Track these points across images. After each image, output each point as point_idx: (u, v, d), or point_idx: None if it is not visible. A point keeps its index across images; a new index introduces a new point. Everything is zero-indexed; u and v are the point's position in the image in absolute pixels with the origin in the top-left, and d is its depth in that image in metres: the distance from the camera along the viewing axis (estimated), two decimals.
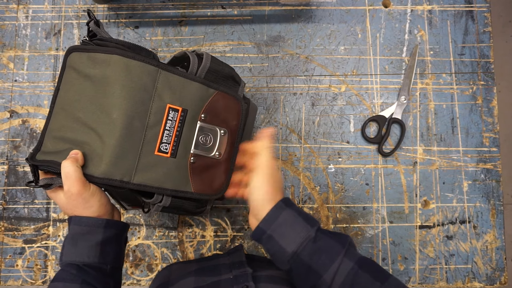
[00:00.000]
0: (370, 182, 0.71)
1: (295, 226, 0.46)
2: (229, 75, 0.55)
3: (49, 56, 0.73)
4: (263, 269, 0.55)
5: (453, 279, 0.70)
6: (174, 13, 0.74)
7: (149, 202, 0.51)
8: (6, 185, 0.71)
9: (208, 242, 0.71)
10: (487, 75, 0.73)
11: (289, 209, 0.47)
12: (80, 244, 0.45)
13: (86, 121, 0.46)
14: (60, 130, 0.48)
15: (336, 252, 0.44)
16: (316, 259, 0.44)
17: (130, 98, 0.46)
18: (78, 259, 0.45)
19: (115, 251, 0.48)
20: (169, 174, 0.49)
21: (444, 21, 0.74)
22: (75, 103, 0.47)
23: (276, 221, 0.46)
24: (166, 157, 0.49)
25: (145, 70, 0.47)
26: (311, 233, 0.45)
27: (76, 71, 0.48)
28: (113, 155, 0.45)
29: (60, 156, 0.46)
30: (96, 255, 0.45)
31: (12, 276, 0.70)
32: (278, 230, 0.46)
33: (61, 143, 0.47)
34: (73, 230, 0.45)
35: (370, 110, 0.72)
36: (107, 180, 0.45)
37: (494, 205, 0.71)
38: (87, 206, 0.45)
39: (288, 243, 0.45)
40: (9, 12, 0.74)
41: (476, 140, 0.72)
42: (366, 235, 0.71)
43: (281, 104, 0.72)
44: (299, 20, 0.74)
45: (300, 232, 0.45)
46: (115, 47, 0.47)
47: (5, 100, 0.73)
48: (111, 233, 0.47)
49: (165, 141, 0.49)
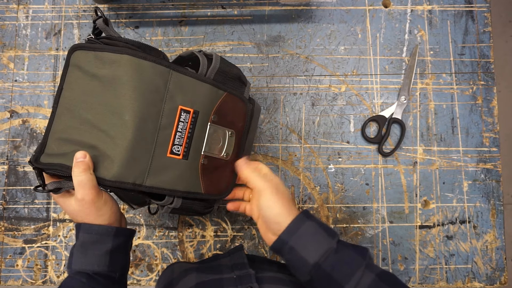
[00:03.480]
0: (370, 182, 0.71)
1: (317, 237, 0.46)
2: (237, 76, 0.54)
3: (49, 56, 0.73)
4: (265, 270, 0.55)
5: (453, 279, 0.70)
6: (174, 13, 0.74)
7: (159, 204, 0.50)
8: (6, 185, 0.71)
9: (208, 242, 0.71)
10: (487, 75, 0.73)
11: (310, 221, 0.47)
12: (90, 253, 0.45)
13: (95, 122, 0.45)
14: (66, 132, 0.46)
15: (358, 264, 0.44)
16: (338, 270, 0.44)
17: (143, 99, 0.45)
18: (88, 267, 0.45)
19: (123, 258, 0.48)
20: (181, 176, 0.48)
21: (444, 21, 0.74)
22: (81, 104, 0.46)
23: (297, 232, 0.46)
24: (178, 159, 0.48)
25: (156, 71, 0.46)
26: (333, 245, 0.45)
27: (81, 70, 0.46)
28: (125, 158, 0.44)
29: (67, 159, 0.44)
30: (105, 263, 0.45)
31: (12, 276, 0.70)
32: (300, 241, 0.46)
33: (67, 144, 0.45)
34: (83, 238, 0.45)
35: (370, 110, 0.72)
36: (119, 183, 0.44)
37: (494, 205, 0.71)
38: (100, 214, 0.45)
39: (310, 254, 0.45)
40: (9, 12, 0.74)
41: (476, 140, 0.72)
42: (366, 235, 0.71)
43: (281, 104, 0.73)
44: (299, 20, 0.74)
45: (322, 243, 0.45)
46: (125, 46, 0.45)
47: (5, 100, 0.73)
48: (120, 241, 0.47)
49: (177, 143, 0.48)
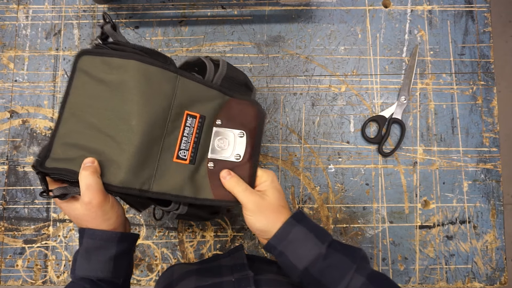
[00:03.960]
0: (370, 182, 0.71)
1: (306, 243, 0.46)
2: (243, 82, 0.55)
3: (49, 56, 0.73)
4: (264, 272, 0.55)
5: (453, 279, 0.70)
6: (174, 13, 0.74)
7: (165, 210, 0.49)
8: (6, 185, 0.71)
9: (208, 242, 0.71)
10: (487, 75, 0.73)
11: (300, 225, 0.47)
12: (94, 259, 0.45)
13: (101, 127, 0.45)
14: (71, 136, 0.46)
15: (347, 267, 0.44)
16: (327, 275, 0.44)
17: (150, 105, 0.45)
18: (92, 274, 0.44)
19: (127, 263, 0.48)
20: (188, 181, 0.48)
21: (444, 21, 0.74)
22: (87, 108, 0.46)
23: (286, 238, 0.46)
24: (185, 164, 0.48)
25: (164, 77, 0.46)
26: (322, 250, 0.45)
27: (88, 75, 0.46)
28: (132, 163, 0.44)
29: (73, 164, 0.44)
30: (109, 269, 0.45)
31: (12, 276, 0.70)
32: (289, 247, 0.46)
33: (73, 149, 0.45)
34: (87, 243, 0.45)
35: (370, 110, 0.72)
36: (126, 189, 0.44)
37: (494, 205, 0.71)
38: (106, 218, 0.45)
39: (298, 260, 0.45)
40: (9, 12, 0.74)
41: (476, 140, 0.72)
42: (366, 235, 0.71)
43: (281, 104, 0.72)
44: (299, 20, 0.74)
45: (311, 250, 0.45)
46: (132, 52, 0.46)
47: (5, 100, 0.73)
48: (124, 246, 0.47)
49: (183, 147, 0.48)
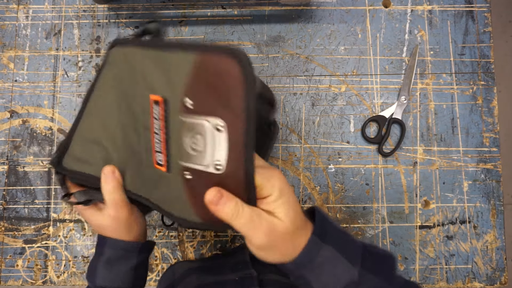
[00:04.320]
0: (370, 182, 0.71)
1: (335, 269, 0.36)
2: (271, 99, 0.42)
3: (49, 56, 0.73)
4: (268, 272, 0.53)
5: (453, 279, 0.70)
6: (174, 13, 0.74)
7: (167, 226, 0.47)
8: (6, 185, 0.71)
9: (208, 242, 0.71)
10: (487, 75, 0.73)
11: (327, 245, 0.36)
12: (115, 269, 0.45)
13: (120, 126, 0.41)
14: (92, 133, 0.42)
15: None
16: None
17: (120, 97, 0.40)
18: (113, 284, 0.45)
19: (145, 272, 0.49)
20: (170, 194, 0.36)
21: (444, 21, 0.74)
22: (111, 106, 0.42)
23: (309, 264, 0.36)
24: (163, 171, 0.35)
25: (128, 58, 0.39)
26: (354, 277, 0.36)
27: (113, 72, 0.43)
28: (130, 167, 0.41)
29: (93, 168, 0.41)
30: (130, 280, 0.45)
31: (12, 276, 0.70)
32: (313, 273, 0.36)
33: (93, 148, 0.42)
34: (108, 253, 0.45)
35: (370, 110, 0.72)
36: (136, 196, 0.42)
37: (494, 205, 0.71)
38: (130, 230, 0.45)
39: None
40: (9, 12, 0.74)
41: (476, 140, 0.72)
42: (366, 235, 0.71)
43: (281, 104, 0.72)
44: (299, 20, 0.74)
45: (341, 278, 0.36)
46: None
47: (5, 100, 0.73)
48: (144, 256, 0.47)
49: (158, 149, 0.35)
